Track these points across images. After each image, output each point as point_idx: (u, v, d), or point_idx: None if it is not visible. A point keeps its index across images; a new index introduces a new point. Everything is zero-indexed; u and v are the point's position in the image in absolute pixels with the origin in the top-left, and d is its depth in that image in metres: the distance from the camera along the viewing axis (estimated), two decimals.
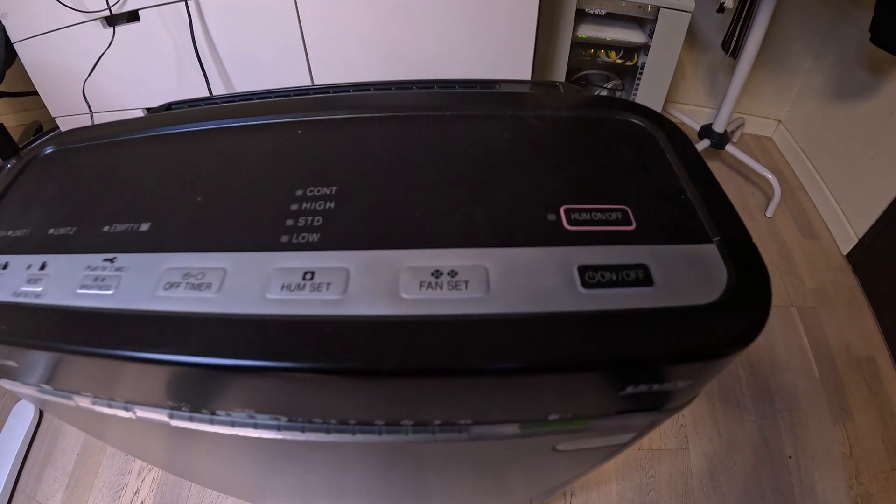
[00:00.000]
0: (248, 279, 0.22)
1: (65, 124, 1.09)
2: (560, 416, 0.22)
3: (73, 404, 0.28)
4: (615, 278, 0.20)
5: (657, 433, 0.90)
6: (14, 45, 0.94)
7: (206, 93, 0.95)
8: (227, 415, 0.28)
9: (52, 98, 1.05)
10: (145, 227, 0.25)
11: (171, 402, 0.27)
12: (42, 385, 0.28)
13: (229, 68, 0.97)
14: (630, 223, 0.22)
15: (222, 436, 0.28)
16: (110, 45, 0.90)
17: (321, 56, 0.94)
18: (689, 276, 0.20)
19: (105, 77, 0.96)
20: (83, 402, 0.28)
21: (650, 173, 0.24)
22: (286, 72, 0.97)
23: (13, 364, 0.26)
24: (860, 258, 1.12)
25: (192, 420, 0.29)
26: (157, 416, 0.29)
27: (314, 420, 0.25)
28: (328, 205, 0.24)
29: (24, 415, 0.89)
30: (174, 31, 0.90)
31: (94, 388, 0.27)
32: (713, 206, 0.23)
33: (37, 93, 1.03)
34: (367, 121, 0.29)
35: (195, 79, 0.93)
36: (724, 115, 1.21)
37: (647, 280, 0.19)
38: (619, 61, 1.21)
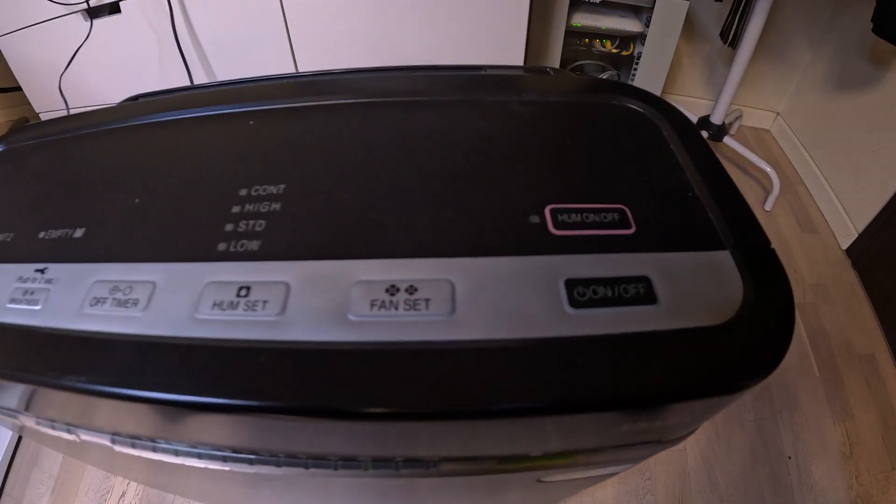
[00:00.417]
0: (177, 295, 0.20)
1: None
2: (543, 453, 0.19)
3: (19, 423, 0.28)
4: (611, 295, 0.16)
5: None
6: None
7: (189, 84, 0.92)
8: (169, 444, 0.25)
9: (35, 93, 1.04)
10: (79, 233, 0.24)
11: (109, 429, 0.26)
12: None
13: (212, 59, 0.95)
14: (628, 226, 0.19)
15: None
16: (87, 37, 0.89)
17: (306, 45, 0.93)
18: (700, 290, 0.16)
19: (87, 70, 0.95)
20: (28, 422, 0.28)
21: (652, 167, 0.21)
22: (270, 62, 0.95)
23: None
24: (860, 253, 1.11)
25: (134, 447, 0.27)
26: (100, 440, 0.27)
27: (260, 453, 0.22)
28: (273, 206, 0.21)
29: None
30: (156, 22, 0.89)
31: (33, 409, 0.26)
32: (726, 205, 0.19)
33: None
34: (327, 109, 0.26)
35: (178, 70, 0.91)
36: (722, 107, 1.19)
37: (649, 297, 0.16)
38: (614, 51, 1.18)
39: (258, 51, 0.93)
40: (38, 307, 0.21)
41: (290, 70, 0.96)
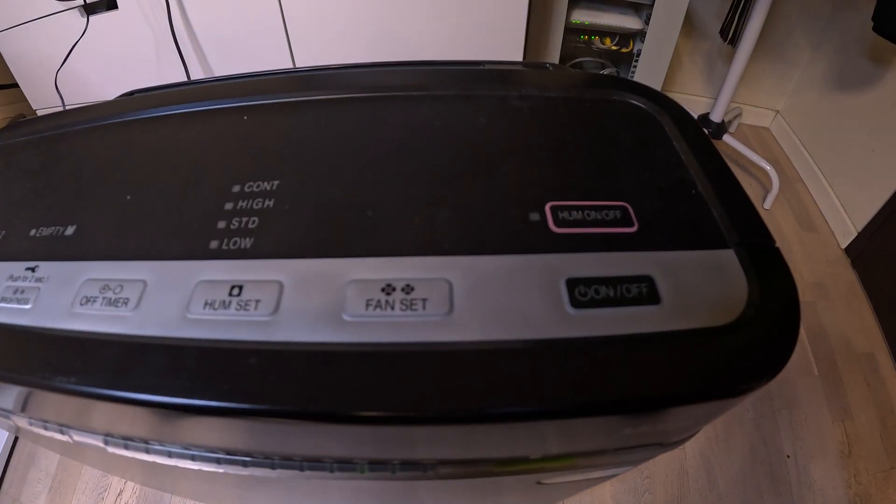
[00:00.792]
0: (168, 294, 0.20)
1: None
2: (543, 455, 0.19)
3: (13, 424, 0.28)
4: (613, 295, 0.16)
5: None
6: None
7: (186, 80, 0.92)
8: (162, 445, 0.25)
9: (31, 90, 1.04)
10: (71, 230, 0.23)
11: (102, 430, 0.25)
12: None
13: (209, 55, 0.95)
14: (631, 224, 0.18)
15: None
16: (84, 33, 0.88)
17: (303, 41, 0.92)
18: (704, 290, 0.16)
19: (84, 67, 0.95)
20: (21, 423, 0.27)
21: (654, 164, 0.20)
22: (267, 57, 0.94)
23: None
24: (859, 252, 1.10)
25: (127, 448, 0.26)
26: (93, 441, 0.27)
27: (254, 455, 0.21)
28: (267, 203, 0.20)
29: None
30: (152, 18, 0.88)
31: (26, 410, 0.25)
32: (729, 203, 0.19)
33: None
34: (322, 104, 0.25)
35: (175, 66, 0.90)
36: (721, 105, 1.18)
37: (652, 296, 0.16)
38: (614, 48, 1.17)
39: (255, 46, 0.92)
40: (28, 306, 0.21)
41: (287, 66, 0.95)
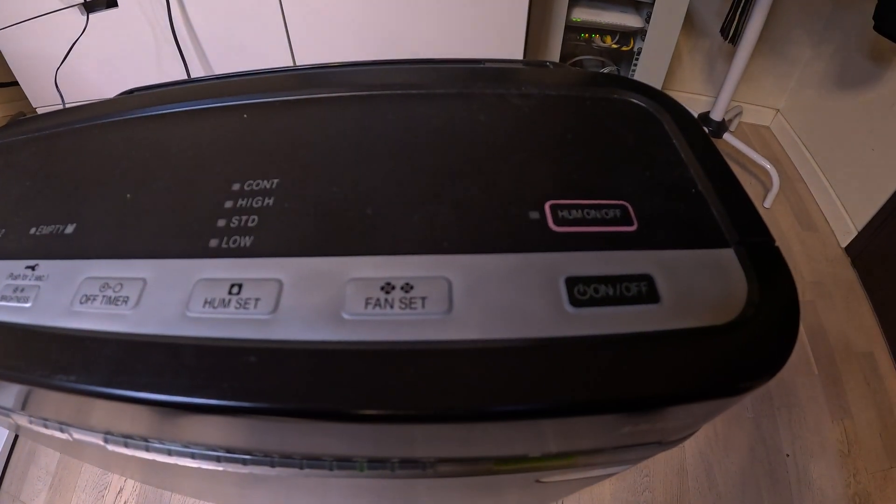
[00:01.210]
0: (168, 292, 0.20)
1: None
2: (542, 454, 0.19)
3: (13, 422, 0.28)
4: (612, 293, 0.16)
5: None
6: None
7: (186, 78, 0.91)
8: (162, 443, 0.25)
9: (31, 88, 1.04)
10: (70, 228, 0.23)
11: (102, 428, 0.25)
12: None
13: (209, 54, 0.94)
14: (630, 223, 0.18)
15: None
16: (83, 31, 0.88)
17: (303, 39, 0.92)
18: (703, 289, 0.16)
19: (84, 65, 0.94)
20: (21, 421, 0.27)
21: (654, 162, 0.20)
22: (267, 55, 0.94)
23: None
24: (859, 251, 1.10)
25: (126, 447, 0.26)
26: (93, 439, 0.27)
27: (254, 453, 0.22)
28: (266, 201, 0.20)
29: None
30: (152, 16, 0.88)
31: (26, 408, 0.25)
32: (729, 202, 0.19)
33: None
34: (322, 102, 0.25)
35: (175, 64, 0.91)
36: (722, 104, 1.18)
37: (651, 295, 0.16)
38: (614, 46, 1.17)
39: (256, 44, 0.92)
40: (28, 304, 0.21)
41: (287, 64, 0.95)
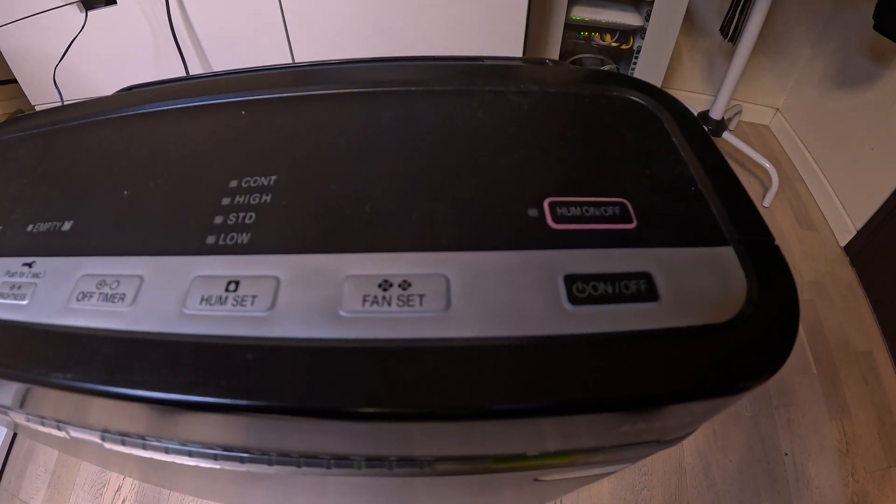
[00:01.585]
0: (165, 290, 0.20)
1: None
2: (540, 452, 0.18)
3: (10, 420, 0.28)
4: (611, 291, 0.15)
5: None
6: None
7: (184, 75, 0.91)
8: (160, 441, 0.25)
9: (30, 85, 1.03)
10: (68, 225, 0.23)
11: (99, 426, 0.25)
12: None
13: (208, 51, 0.94)
14: (630, 220, 0.18)
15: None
16: (82, 29, 0.88)
17: (303, 37, 0.92)
18: (702, 287, 0.16)
19: (82, 62, 0.94)
20: (18, 419, 0.27)
21: (653, 160, 0.20)
22: (267, 53, 0.94)
23: None
24: (858, 250, 1.10)
25: (124, 444, 0.26)
26: (90, 437, 0.27)
27: (252, 451, 0.21)
28: (264, 198, 0.20)
29: None
30: (151, 13, 0.88)
31: (23, 406, 0.25)
32: (729, 200, 0.19)
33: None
34: (320, 99, 0.25)
35: (174, 61, 0.90)
36: (721, 102, 1.18)
37: (650, 293, 0.15)
38: (614, 44, 1.17)
39: (255, 41, 0.92)
40: (25, 302, 0.21)
41: (286, 61, 0.95)
